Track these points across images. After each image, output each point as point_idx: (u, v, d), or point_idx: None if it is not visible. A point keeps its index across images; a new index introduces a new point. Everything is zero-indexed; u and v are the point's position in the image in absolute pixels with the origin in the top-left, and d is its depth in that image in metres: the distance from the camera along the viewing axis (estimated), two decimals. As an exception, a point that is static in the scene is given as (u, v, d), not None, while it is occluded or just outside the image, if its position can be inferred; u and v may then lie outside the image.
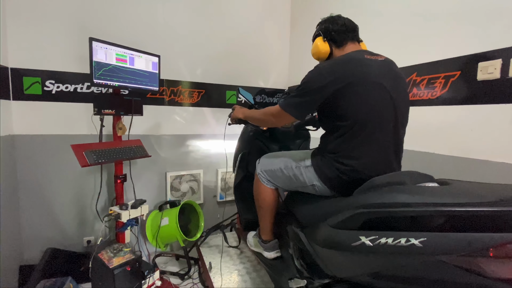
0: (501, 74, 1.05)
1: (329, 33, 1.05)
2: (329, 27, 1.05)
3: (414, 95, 1.39)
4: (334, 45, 1.05)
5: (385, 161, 0.90)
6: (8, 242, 1.53)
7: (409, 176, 0.78)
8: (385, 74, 0.91)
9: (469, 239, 0.48)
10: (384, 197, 0.66)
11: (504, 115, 1.05)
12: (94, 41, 1.36)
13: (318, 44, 1.06)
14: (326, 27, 1.06)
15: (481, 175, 1.11)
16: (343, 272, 0.72)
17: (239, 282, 1.47)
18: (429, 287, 0.54)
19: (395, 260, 0.57)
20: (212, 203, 2.31)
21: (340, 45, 1.04)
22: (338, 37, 1.04)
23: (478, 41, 1.13)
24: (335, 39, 1.04)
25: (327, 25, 1.06)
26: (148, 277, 1.55)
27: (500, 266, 0.46)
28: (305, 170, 1.00)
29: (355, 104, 0.88)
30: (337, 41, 1.04)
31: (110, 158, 1.48)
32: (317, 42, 1.07)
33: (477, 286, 0.48)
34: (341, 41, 1.03)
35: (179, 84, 2.08)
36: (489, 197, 0.51)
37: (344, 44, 1.03)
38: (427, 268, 0.53)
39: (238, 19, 2.25)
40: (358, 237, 0.63)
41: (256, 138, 1.52)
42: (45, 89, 1.67)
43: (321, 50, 1.05)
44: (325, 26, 1.07)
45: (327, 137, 0.98)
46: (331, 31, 1.04)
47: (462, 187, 0.64)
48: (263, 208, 1.20)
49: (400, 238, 0.55)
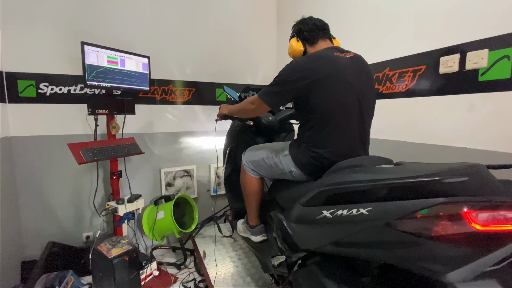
0: (459, 67, 1.17)
1: (302, 33, 1.16)
2: (301, 27, 1.16)
3: (388, 88, 1.50)
4: (307, 43, 1.16)
5: (351, 148, 1.01)
6: (9, 239, 1.60)
7: (369, 160, 0.89)
8: (351, 70, 1.01)
9: (402, 206, 0.59)
10: (344, 177, 0.77)
11: (462, 105, 1.17)
12: (86, 45, 1.43)
13: (292, 44, 1.18)
14: (298, 28, 1.18)
15: (444, 159, 1.22)
16: (312, 243, 0.83)
17: (231, 267, 1.58)
18: (378, 249, 0.65)
19: (349, 228, 0.68)
20: (205, 197, 2.40)
21: (312, 43, 1.15)
22: (309, 36, 1.14)
23: (440, 38, 1.23)
24: (307, 38, 1.15)
25: (299, 26, 1.18)
26: (146, 267, 1.65)
27: (428, 227, 0.57)
28: (283, 159, 1.11)
29: (323, 98, 0.98)
30: (309, 40, 1.15)
31: (106, 155, 1.56)
32: (292, 42, 1.19)
33: (415, 245, 0.59)
34: (313, 39, 1.14)
35: (170, 83, 2.15)
36: (423, 172, 0.62)
37: (316, 42, 1.14)
38: (374, 232, 0.64)
39: (226, 18, 2.32)
40: (321, 211, 0.74)
41: (243, 133, 1.61)
42: (39, 91, 1.72)
43: (296, 49, 1.16)
44: (298, 27, 1.18)
45: (302, 128, 1.08)
46: (303, 31, 1.15)
47: (409, 166, 0.75)
48: (249, 195, 1.31)
49: (352, 209, 0.66)
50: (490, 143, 1.09)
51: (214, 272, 1.52)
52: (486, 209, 0.52)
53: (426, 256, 0.57)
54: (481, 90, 1.11)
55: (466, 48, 1.14)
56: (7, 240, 1.58)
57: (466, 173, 0.58)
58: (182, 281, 1.71)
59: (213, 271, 1.53)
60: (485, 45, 1.08)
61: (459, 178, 0.56)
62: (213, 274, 1.50)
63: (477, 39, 1.10)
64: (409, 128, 1.40)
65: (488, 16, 1.08)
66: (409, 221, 0.59)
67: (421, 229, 0.57)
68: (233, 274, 1.52)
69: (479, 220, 0.51)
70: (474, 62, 1.10)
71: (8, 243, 1.59)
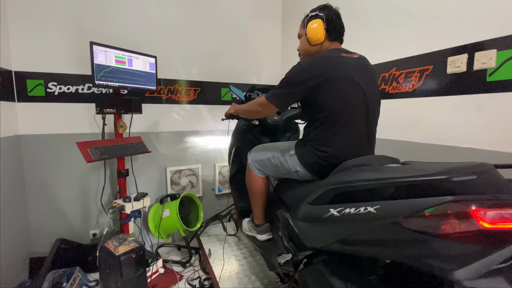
0: (467, 67, 1.16)
1: (332, 24, 1.04)
2: (334, 18, 1.04)
3: (394, 88, 1.50)
4: (327, 36, 1.06)
5: (358, 148, 1.01)
6: (18, 236, 1.63)
7: (376, 159, 0.90)
8: (358, 71, 1.01)
9: (410, 204, 0.59)
10: (351, 176, 0.77)
11: (470, 105, 1.16)
12: (94, 45, 1.45)
13: (317, 29, 1.03)
14: (330, 17, 1.04)
15: (451, 159, 1.22)
16: (318, 242, 0.84)
17: (236, 266, 1.59)
18: (385, 247, 0.66)
19: (356, 226, 0.69)
20: (211, 196, 2.42)
21: (331, 39, 1.07)
22: (335, 32, 1.06)
23: (447, 38, 1.23)
24: (332, 32, 1.06)
25: (331, 16, 1.04)
26: (152, 265, 1.67)
27: (436, 225, 0.57)
28: (289, 158, 1.12)
29: (331, 97, 0.98)
30: (332, 35, 1.06)
31: (113, 154, 1.58)
32: (317, 27, 1.03)
33: (422, 243, 0.60)
34: (334, 36, 1.07)
35: (176, 83, 2.17)
36: (431, 170, 0.62)
37: (333, 40, 1.08)
38: (382, 230, 0.64)
39: (231, 18, 2.33)
40: (328, 209, 0.75)
41: (249, 132, 1.62)
42: (48, 90, 1.75)
43: (318, 35, 1.04)
44: (330, 16, 1.04)
45: (308, 127, 1.09)
46: (334, 25, 1.05)
47: (417, 165, 0.75)
48: (255, 195, 1.32)
49: (360, 208, 0.66)
50: (498, 143, 1.08)
51: (220, 270, 1.53)
52: (494, 207, 0.52)
53: (433, 254, 0.57)
54: (489, 91, 1.10)
55: (474, 48, 1.14)
56: (16, 237, 1.61)
57: (474, 171, 0.58)
58: (187, 279, 1.72)
59: (218, 269, 1.55)
60: (493, 45, 1.08)
61: (468, 176, 0.57)
62: (218, 272, 1.51)
63: (485, 39, 1.10)
64: (415, 128, 1.39)
65: (496, 16, 1.08)
66: (417, 219, 0.59)
67: (429, 227, 0.58)
68: (238, 272, 1.53)
69: (487, 218, 0.52)
70: (482, 62, 1.10)
71: (16, 240, 1.62)
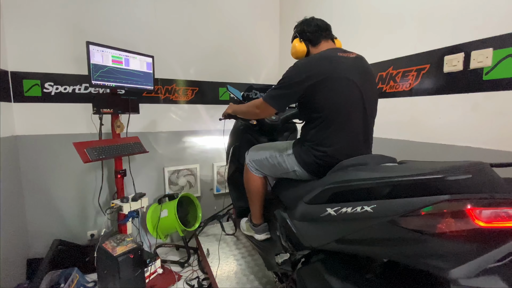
0: (463, 66, 1.16)
1: (305, 34, 1.16)
2: (304, 28, 1.16)
3: (391, 87, 1.50)
4: (310, 44, 1.16)
5: (355, 147, 1.01)
6: (15, 237, 1.62)
7: (373, 159, 0.90)
8: (355, 70, 1.01)
9: (407, 203, 0.59)
10: (348, 175, 0.77)
11: (466, 104, 1.17)
12: (91, 45, 1.45)
13: (296, 45, 1.18)
14: (301, 29, 1.17)
15: (448, 158, 1.22)
16: (316, 241, 0.84)
17: (235, 265, 1.59)
18: (382, 246, 0.66)
19: (353, 225, 0.69)
20: (209, 195, 2.42)
21: (315, 44, 1.15)
22: (312, 37, 1.14)
23: (444, 37, 1.23)
24: (310, 39, 1.15)
25: (302, 27, 1.17)
26: (150, 265, 1.66)
27: (432, 224, 0.57)
28: (287, 158, 1.12)
29: (328, 97, 0.98)
30: (312, 41, 1.15)
31: (110, 154, 1.57)
32: (294, 43, 1.18)
33: (419, 242, 0.60)
34: (316, 40, 1.14)
35: (174, 83, 2.16)
36: (427, 170, 0.62)
37: (319, 42, 1.14)
38: (379, 230, 0.65)
39: (229, 17, 2.33)
40: (325, 209, 0.75)
41: (246, 132, 1.62)
42: (44, 91, 1.74)
43: (299, 50, 1.17)
44: (301, 28, 1.18)
45: (305, 127, 1.09)
46: (306, 32, 1.15)
47: (413, 165, 0.76)
48: (252, 194, 1.32)
49: (357, 207, 0.67)
50: (494, 142, 1.09)
51: (218, 270, 1.53)
52: (490, 206, 0.53)
53: (429, 253, 0.57)
54: (486, 89, 1.10)
55: (470, 47, 1.14)
56: (13, 238, 1.60)
57: (469, 170, 0.58)
58: (185, 279, 1.72)
59: (216, 269, 1.55)
60: (489, 44, 1.08)
61: (463, 175, 0.57)
62: (216, 272, 1.51)
63: (482, 38, 1.10)
64: (412, 127, 1.40)
65: (492, 15, 1.08)
66: (413, 218, 0.59)
67: (425, 226, 0.58)
68: (236, 272, 1.53)
69: (482, 217, 0.52)
70: (479, 61, 1.10)
71: (13, 241, 1.61)
